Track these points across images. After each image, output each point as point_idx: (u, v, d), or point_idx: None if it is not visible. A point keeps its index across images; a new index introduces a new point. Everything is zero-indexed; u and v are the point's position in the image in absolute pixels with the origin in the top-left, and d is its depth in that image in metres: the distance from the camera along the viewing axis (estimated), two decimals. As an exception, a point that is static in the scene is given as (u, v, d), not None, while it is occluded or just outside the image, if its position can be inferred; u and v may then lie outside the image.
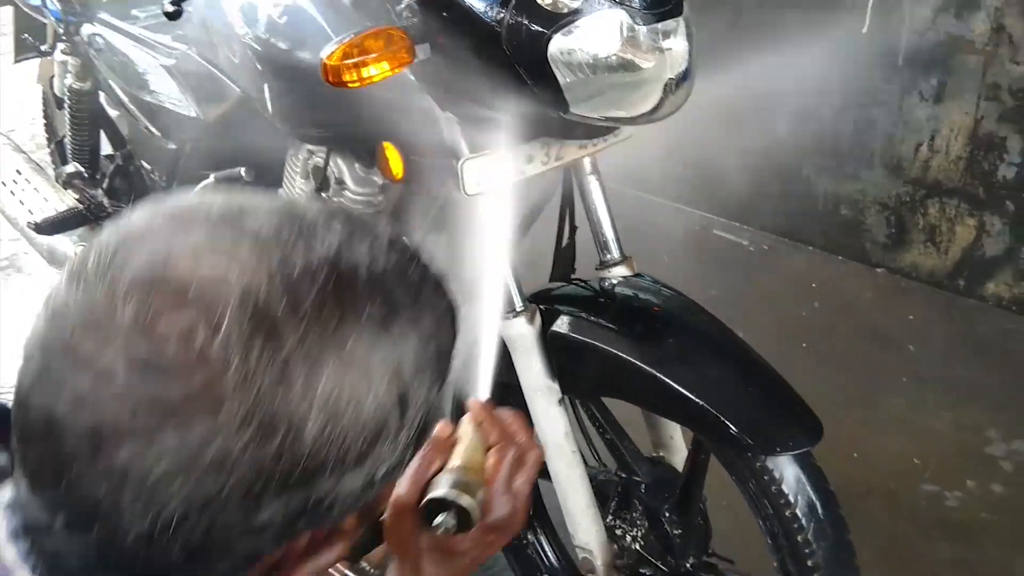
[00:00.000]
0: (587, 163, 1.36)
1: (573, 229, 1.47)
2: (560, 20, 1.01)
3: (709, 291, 2.79)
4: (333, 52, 1.01)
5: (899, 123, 2.72)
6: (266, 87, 1.45)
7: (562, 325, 1.26)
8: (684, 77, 1.13)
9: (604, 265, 1.40)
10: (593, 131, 1.21)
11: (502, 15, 1.01)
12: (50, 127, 2.55)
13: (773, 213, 3.18)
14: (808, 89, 2.89)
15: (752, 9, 2.96)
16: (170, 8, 1.08)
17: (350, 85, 1.02)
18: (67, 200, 2.11)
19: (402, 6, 1.14)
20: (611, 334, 1.21)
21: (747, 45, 3.05)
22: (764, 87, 3.03)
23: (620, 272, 1.38)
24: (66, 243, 2.09)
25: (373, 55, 1.03)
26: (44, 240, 2.12)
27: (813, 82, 2.87)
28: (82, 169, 2.17)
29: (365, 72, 1.02)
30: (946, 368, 2.40)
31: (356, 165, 1.51)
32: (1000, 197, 2.53)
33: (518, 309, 1.27)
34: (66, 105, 2.13)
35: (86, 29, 1.96)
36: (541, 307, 1.30)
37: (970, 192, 2.61)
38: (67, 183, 2.17)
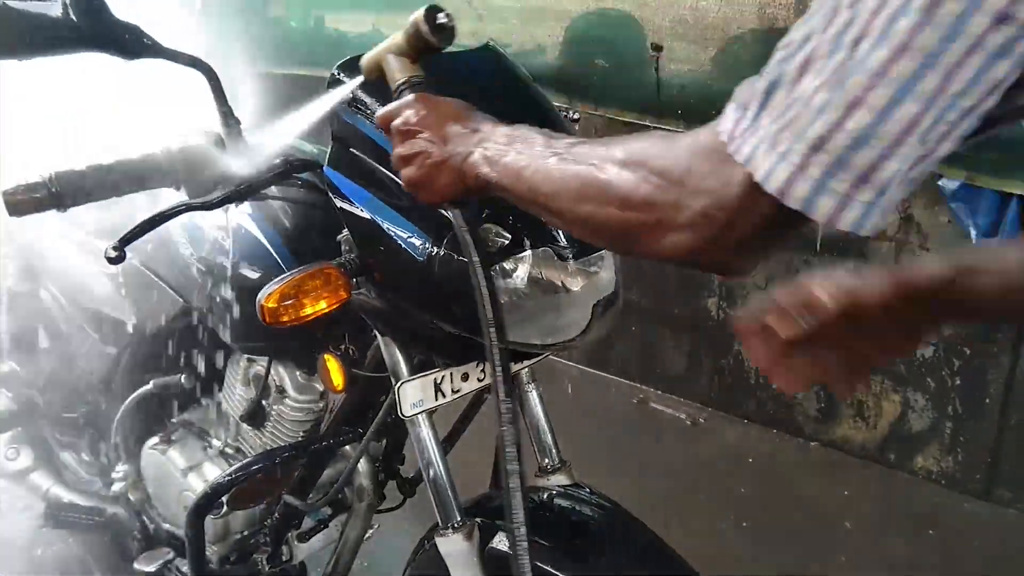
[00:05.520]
0: (524, 374, 1.41)
1: (511, 435, 1.49)
2: (491, 256, 1.07)
3: (648, 465, 2.82)
4: (270, 294, 1.05)
5: (821, 303, 2.84)
6: (210, 303, 1.48)
7: (500, 542, 1.26)
8: (611, 301, 1.19)
9: (543, 472, 1.42)
10: (527, 354, 1.26)
11: (435, 251, 1.07)
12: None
13: (708, 386, 3.25)
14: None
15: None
16: (112, 254, 1.11)
17: (288, 325, 1.06)
18: (0, 400, 2.08)
19: (341, 236, 1.20)
20: (549, 552, 1.22)
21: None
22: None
23: (558, 480, 1.40)
24: (-1, 445, 2.06)
25: (310, 295, 1.07)
26: (-26, 442, 2.08)
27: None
28: (17, 368, 2.15)
29: (303, 312, 1.06)
30: (882, 545, 2.43)
31: (297, 373, 1.54)
32: (921, 375, 2.64)
33: (456, 524, 1.27)
34: (4, 305, 2.13)
35: (28, 232, 1.99)
36: (479, 520, 1.31)
37: (892, 370, 2.71)
38: (1, 382, 2.14)
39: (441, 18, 0.98)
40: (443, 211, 0.94)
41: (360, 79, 1.06)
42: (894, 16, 0.51)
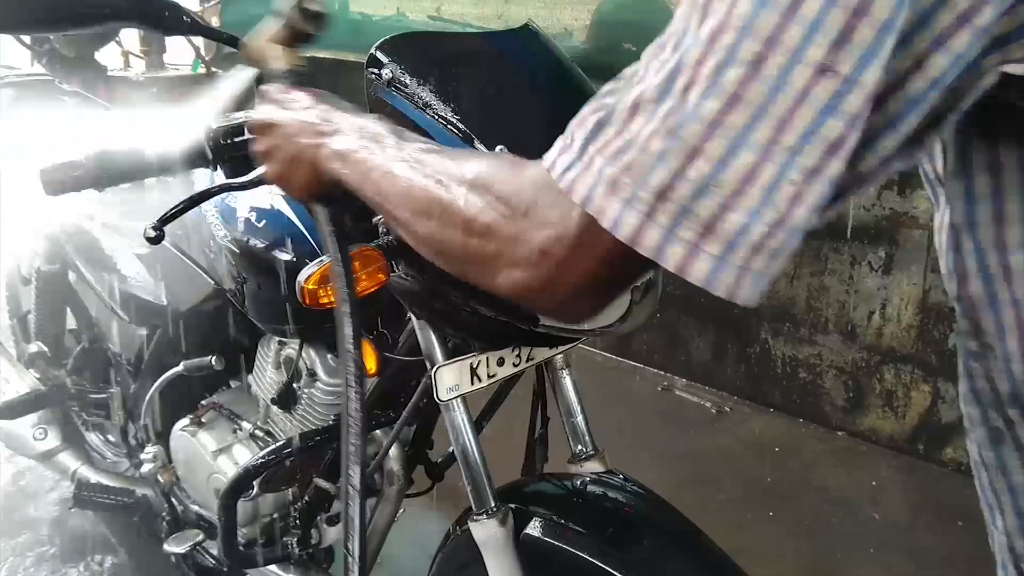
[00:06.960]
0: (558, 360, 1.39)
1: (545, 421, 1.48)
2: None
3: (673, 453, 2.81)
4: (311, 276, 1.04)
5: (851, 291, 2.82)
6: (242, 284, 1.48)
7: (535, 528, 1.25)
8: (649, 287, 1.17)
9: (576, 458, 1.40)
10: (563, 339, 1.24)
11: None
12: (13, 301, 2.52)
13: (733, 375, 3.23)
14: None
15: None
16: (152, 233, 1.10)
17: (327, 307, 1.05)
18: (28, 381, 2.08)
19: (378, 218, 1.19)
20: (583, 539, 1.21)
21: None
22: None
23: (592, 467, 1.38)
24: (25, 426, 2.06)
25: (350, 276, 1.06)
26: (2, 423, 2.08)
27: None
28: (45, 349, 2.15)
29: (342, 294, 1.05)
30: (911, 537, 2.41)
31: (328, 356, 1.53)
32: (952, 365, 2.60)
33: (490, 509, 1.26)
34: (33, 285, 2.14)
35: (58, 212, 1.99)
36: (513, 506, 1.30)
37: (923, 359, 2.68)
38: (30, 363, 2.15)
39: (310, 4, 1.00)
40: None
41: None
42: (720, 67, 0.51)
